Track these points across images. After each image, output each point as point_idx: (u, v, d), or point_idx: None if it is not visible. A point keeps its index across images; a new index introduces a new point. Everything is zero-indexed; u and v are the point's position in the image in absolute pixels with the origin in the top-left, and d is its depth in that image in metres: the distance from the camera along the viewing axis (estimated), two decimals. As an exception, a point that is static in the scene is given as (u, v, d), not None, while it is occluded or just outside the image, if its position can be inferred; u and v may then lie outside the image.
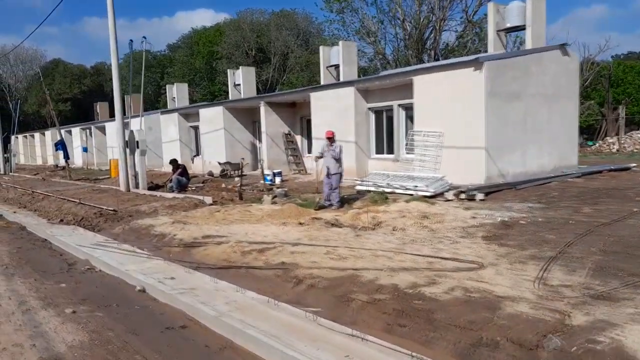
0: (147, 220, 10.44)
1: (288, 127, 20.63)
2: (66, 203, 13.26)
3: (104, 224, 10.73)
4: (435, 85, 13.57)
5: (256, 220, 9.77)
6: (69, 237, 9.31)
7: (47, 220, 11.58)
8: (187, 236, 8.62)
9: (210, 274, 6.47)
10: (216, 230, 8.95)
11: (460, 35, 38.92)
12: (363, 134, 16.28)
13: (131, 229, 9.96)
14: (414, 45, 38.09)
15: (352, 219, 9.15)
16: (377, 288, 5.20)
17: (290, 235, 8.07)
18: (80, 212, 11.72)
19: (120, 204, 12.67)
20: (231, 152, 22.26)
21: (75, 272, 7.02)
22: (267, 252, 7.06)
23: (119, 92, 16.15)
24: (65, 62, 63.17)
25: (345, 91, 16.21)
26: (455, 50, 38.33)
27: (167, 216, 10.80)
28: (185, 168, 15.62)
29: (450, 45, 38.77)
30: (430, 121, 13.75)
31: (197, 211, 11.29)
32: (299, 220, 9.35)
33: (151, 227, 9.63)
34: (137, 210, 11.52)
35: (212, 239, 8.25)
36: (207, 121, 23.28)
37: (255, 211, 11.02)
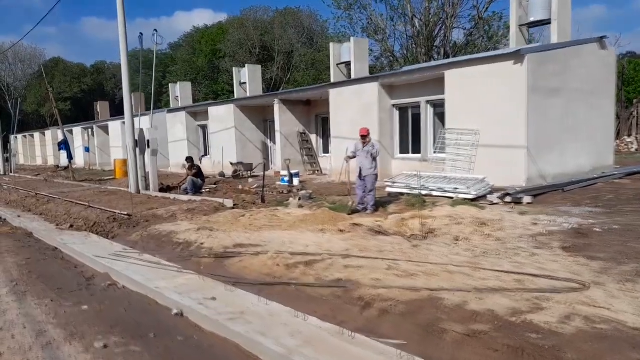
0: (166, 225, 9.53)
1: (302, 126, 19.73)
2: (74, 206, 12.34)
3: (118, 230, 9.82)
4: (469, 80, 12.68)
5: (288, 227, 8.86)
6: (82, 245, 8.39)
7: (55, 226, 10.65)
8: (217, 245, 7.71)
9: (253, 291, 5.58)
10: (247, 237, 8.05)
11: (470, 33, 38.13)
12: (387, 133, 15.39)
13: (150, 236, 9.05)
14: (424, 42, 37.25)
15: (398, 226, 8.25)
16: (470, 315, 4.31)
17: (334, 245, 7.16)
18: (91, 216, 10.81)
19: (134, 208, 11.75)
20: (242, 152, 21.38)
21: (96, 289, 6.11)
22: (315, 265, 6.16)
23: (128, 89, 15.23)
24: (65, 60, 62.18)
25: (369, 87, 15.32)
26: (464, 49, 37.51)
27: (187, 221, 9.89)
28: (200, 169, 14.71)
29: (458, 43, 37.92)
30: (464, 118, 12.87)
31: (219, 215, 10.39)
32: (337, 226, 8.45)
33: (173, 234, 8.72)
34: (154, 215, 10.61)
35: (246, 249, 7.35)
36: (216, 120, 22.37)
37: (283, 216, 10.13)
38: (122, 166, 24.02)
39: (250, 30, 48.42)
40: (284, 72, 48.60)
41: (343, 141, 16.20)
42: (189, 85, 36.15)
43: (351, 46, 22.81)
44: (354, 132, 15.85)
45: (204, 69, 53.66)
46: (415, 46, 38.69)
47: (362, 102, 15.53)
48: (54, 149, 41.94)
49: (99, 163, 34.64)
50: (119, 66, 65.07)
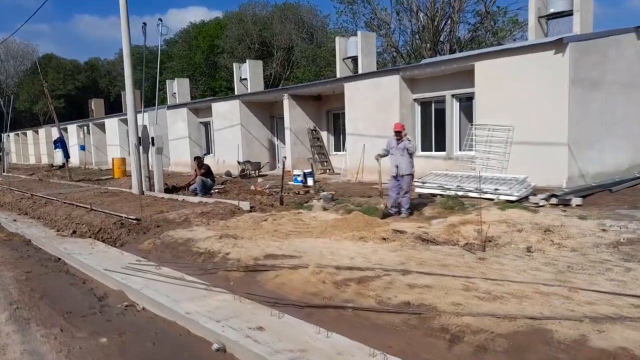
0: (181, 232, 8.56)
1: (313, 123, 18.77)
2: (75, 209, 11.32)
3: (126, 237, 8.84)
4: (502, 72, 11.78)
5: (320, 233, 7.92)
6: (88, 255, 7.42)
7: (56, 232, 9.66)
8: (244, 255, 6.76)
9: (301, 316, 4.67)
10: (277, 246, 7.10)
11: (475, 28, 37.33)
12: (407, 129, 14.40)
13: (164, 244, 8.08)
14: (429, 37, 36.38)
15: (448, 233, 7.33)
16: (599, 356, 3.39)
17: (383, 256, 6.23)
18: (95, 221, 9.81)
19: (140, 211, 10.78)
20: (248, 150, 20.41)
21: (111, 312, 5.15)
22: (371, 283, 5.23)
23: (131, 83, 14.20)
24: (58, 57, 60.78)
25: (388, 80, 14.38)
26: (468, 44, 36.68)
27: (203, 227, 8.93)
28: (209, 168, 13.72)
29: (462, 39, 37.00)
30: (496, 113, 11.97)
31: (237, 220, 9.44)
32: (376, 234, 7.51)
33: (191, 243, 7.75)
34: (165, 219, 9.64)
35: (280, 260, 6.40)
36: (221, 116, 21.37)
37: (308, 220, 9.20)
38: (121, 165, 23.01)
39: (249, 26, 47.35)
40: (283, 69, 47.57)
41: (359, 138, 15.30)
42: (186, 81, 35.16)
43: (358, 40, 21.95)
44: (371, 128, 14.98)
45: (201, 66, 52.53)
46: (420, 41, 37.84)
47: (380, 96, 14.60)
48: (47, 147, 40.74)
49: (95, 162, 33.53)
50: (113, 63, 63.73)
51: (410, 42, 37.28)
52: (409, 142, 9.06)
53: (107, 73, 63.06)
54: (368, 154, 15.01)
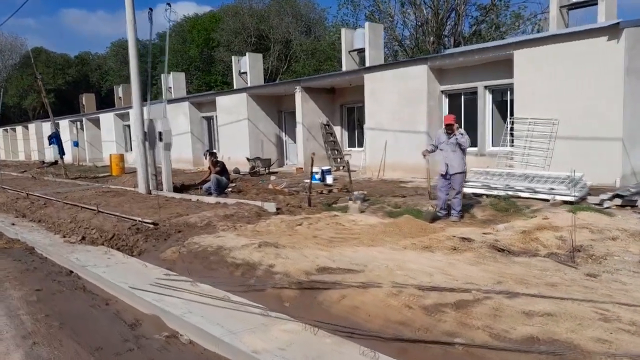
0: (207, 238, 7.55)
1: (326, 117, 17.76)
2: (80, 211, 10.23)
3: (144, 244, 7.80)
4: (546, 61, 10.88)
5: (370, 240, 6.95)
6: (106, 268, 6.39)
7: (62, 238, 8.58)
8: (293, 269, 5.76)
9: (391, 352, 3.71)
10: (327, 257, 6.12)
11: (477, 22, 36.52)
12: (434, 123, 13.51)
13: (191, 253, 7.06)
14: (435, 30, 35.52)
15: (522, 241, 6.39)
16: None
17: (465, 271, 5.27)
18: (105, 225, 8.73)
19: (154, 213, 9.74)
20: (255, 145, 19.38)
21: (151, 346, 4.15)
22: (471, 309, 4.26)
23: (137, 73, 13.10)
24: (47, 51, 59.03)
25: (415, 70, 13.42)
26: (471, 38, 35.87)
27: (231, 232, 7.93)
28: (225, 165, 12.67)
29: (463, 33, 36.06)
30: (537, 106, 11.07)
31: (267, 224, 8.44)
32: (441, 241, 6.55)
33: (224, 252, 6.74)
34: (186, 223, 8.60)
35: (339, 275, 5.43)
36: (225, 110, 20.29)
37: (348, 224, 8.23)
38: (119, 162, 21.87)
39: (245, 19, 46.13)
40: (280, 63, 46.43)
41: (380, 133, 14.35)
42: (182, 75, 34.12)
43: (365, 32, 20.95)
44: (394, 122, 14.02)
45: (196, 60, 51.24)
46: (424, 35, 36.99)
47: (406, 88, 13.64)
48: (38, 143, 39.36)
49: (89, 158, 32.27)
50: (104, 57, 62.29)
51: (415, 35, 36.37)
52: (462, 136, 8.09)
53: (98, 67, 61.43)
54: (391, 150, 14.08)
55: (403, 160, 13.75)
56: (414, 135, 13.52)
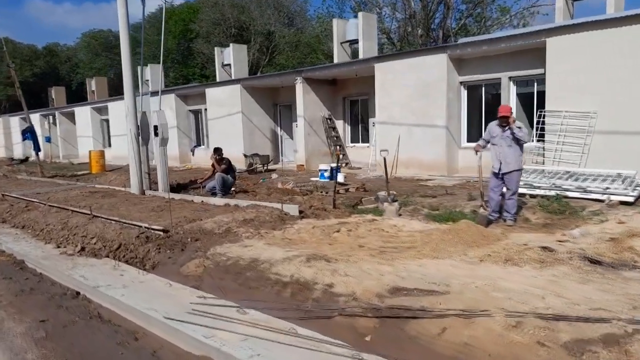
0: (233, 248, 6.47)
1: (327, 110, 16.73)
2: (72, 216, 8.97)
3: (157, 256, 6.66)
4: (583, 49, 10.11)
5: (431, 251, 5.98)
6: (123, 288, 5.26)
7: (56, 248, 7.36)
8: (359, 289, 4.75)
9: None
10: (393, 273, 5.13)
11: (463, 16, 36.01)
12: (453, 116, 12.64)
13: (220, 266, 5.97)
14: (423, 23, 34.87)
15: (613, 250, 5.52)
16: None
17: (579, 291, 4.35)
18: (106, 232, 7.52)
19: (157, 217, 8.60)
20: (249, 141, 18.21)
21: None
22: (627, 347, 3.34)
23: (128, 59, 11.83)
24: (14, 41, 56.06)
25: (433, 60, 12.51)
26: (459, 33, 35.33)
27: (258, 239, 6.87)
28: (230, 163, 11.51)
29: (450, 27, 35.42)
30: (572, 98, 10.29)
31: (296, 229, 7.40)
32: (519, 252, 5.62)
33: (262, 266, 5.68)
34: (201, 230, 7.47)
35: (420, 298, 4.46)
36: (216, 103, 19.04)
37: (392, 230, 7.25)
38: (99, 159, 20.43)
39: (225, 9, 44.55)
40: (262, 55, 45.07)
41: (393, 128, 13.41)
42: (159, 67, 32.60)
43: (359, 22, 20.01)
44: (408, 116, 13.07)
45: (173, 52, 49.40)
46: (412, 27, 36.34)
47: (422, 79, 12.72)
48: (5, 139, 37.11)
49: (62, 155, 30.42)
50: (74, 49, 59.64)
51: (403, 27, 35.59)
52: (520, 129, 7.18)
53: (67, 60, 58.78)
54: (404, 146, 13.16)
55: (418, 156, 12.85)
56: (431, 130, 12.63)
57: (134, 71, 12.22)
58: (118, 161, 23.77)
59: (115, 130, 25.65)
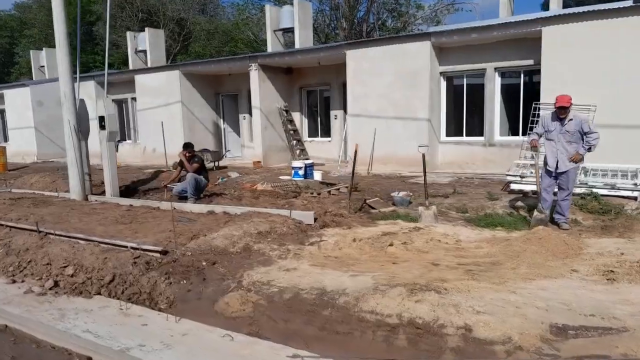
0: (273, 272, 5.04)
1: (283, 101, 15.27)
2: (12, 234, 6.80)
3: (170, 289, 4.99)
4: (581, 40, 9.76)
5: (528, 267, 4.98)
6: (168, 350, 3.64)
7: (11, 284, 5.31)
8: (512, 331, 3.60)
9: None
10: (526, 302, 4.05)
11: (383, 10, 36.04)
12: (433, 108, 11.87)
13: (273, 302, 4.52)
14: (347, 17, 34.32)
15: None
16: None
17: None
18: (82, 258, 5.56)
19: (132, 232, 6.79)
20: (190, 135, 16.20)
21: None
22: None
23: (64, 35, 9.61)
24: None
25: (414, 48, 11.60)
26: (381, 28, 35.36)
27: (295, 259, 5.50)
28: (203, 161, 9.69)
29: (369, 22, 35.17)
30: (570, 90, 9.81)
31: (332, 242, 6.09)
32: (633, 264, 4.80)
33: (339, 300, 4.32)
34: (212, 249, 5.84)
35: (604, 340, 3.41)
36: (150, 92, 16.74)
37: (444, 239, 6.19)
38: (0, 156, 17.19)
39: (131, -9, 40.72)
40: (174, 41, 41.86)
41: (368, 121, 12.37)
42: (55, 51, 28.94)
43: (295, 10, 18.75)
44: (387, 108, 12.03)
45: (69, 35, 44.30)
46: (336, 19, 35.75)
47: (402, 68, 11.79)
48: None
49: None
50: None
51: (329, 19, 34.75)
52: (585, 122, 6.42)
53: None
54: (381, 141, 12.18)
55: (397, 151, 11.92)
56: (412, 123, 11.75)
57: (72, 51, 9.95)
58: (17, 159, 20.37)
59: (13, 123, 22.00)
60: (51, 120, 21.33)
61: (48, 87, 21.48)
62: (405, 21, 36.33)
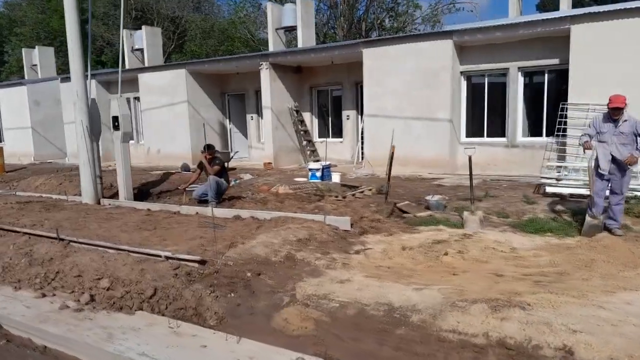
0: (327, 286, 4.70)
1: (294, 101, 14.89)
2: (32, 242, 6.36)
3: (216, 303, 4.61)
4: (612, 38, 9.50)
5: (601, 278, 4.68)
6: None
7: (41, 298, 4.88)
8: (620, 354, 3.27)
9: None
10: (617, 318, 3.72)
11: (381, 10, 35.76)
12: (453, 108, 11.57)
13: (336, 318, 4.18)
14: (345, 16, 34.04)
15: None
16: None
17: None
18: (116, 269, 5.16)
19: (160, 239, 6.39)
20: (197, 135, 15.75)
21: None
22: None
23: (77, 31, 9.12)
24: None
25: (436, 46, 11.29)
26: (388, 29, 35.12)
27: (345, 269, 5.20)
28: (224, 163, 9.28)
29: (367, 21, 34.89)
30: (599, 90, 9.62)
31: (380, 251, 5.75)
32: None
33: (413, 317, 3.98)
34: (254, 258, 5.46)
35: None
36: (154, 91, 16.27)
37: (498, 246, 5.85)
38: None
39: (126, -12, 40.04)
40: (168, 40, 41.26)
41: (385, 121, 12.04)
42: (50, 50, 28.90)
43: (297, 8, 18.39)
44: (406, 108, 11.68)
45: (61, 34, 43.48)
46: (335, 19, 35.48)
47: (421, 67, 11.48)
48: None
49: None
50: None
51: (327, 19, 34.40)
52: (628, 128, 6.14)
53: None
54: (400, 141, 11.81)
55: (417, 152, 11.61)
56: (432, 124, 11.45)
57: (85, 48, 9.50)
58: (12, 160, 19.79)
59: (8, 123, 21.39)
60: (48, 120, 20.80)
61: (45, 86, 20.96)
62: (404, 21, 36.10)
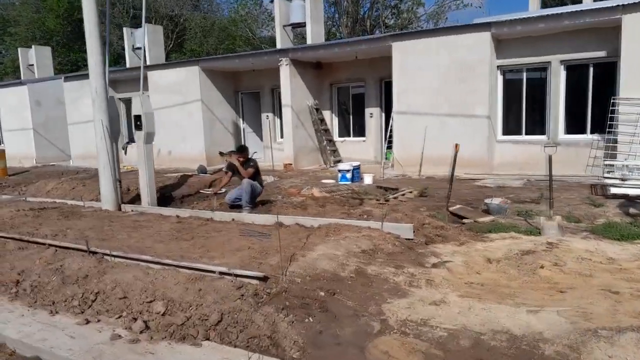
0: (420, 308, 4.10)
1: (313, 99, 14.22)
2: (61, 256, 5.65)
3: (293, 330, 3.95)
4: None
5: None
6: None
7: (84, 325, 4.19)
8: None
9: None
10: None
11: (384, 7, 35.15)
12: (491, 104, 10.95)
13: (448, 350, 3.51)
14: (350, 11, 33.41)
15: None
16: None
17: None
18: (166, 289, 4.48)
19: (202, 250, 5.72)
20: (210, 135, 15.09)
21: None
22: None
23: (96, 26, 8.42)
24: None
25: (472, 39, 10.67)
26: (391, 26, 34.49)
27: (430, 287, 4.59)
28: (258, 166, 8.56)
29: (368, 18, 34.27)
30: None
31: (460, 264, 5.11)
32: None
33: (550, 350, 3.30)
34: (320, 274, 4.79)
35: None
36: (165, 90, 15.55)
37: (591, 256, 5.22)
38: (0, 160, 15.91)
39: (123, -14, 39.26)
40: (167, 38, 40.43)
41: (417, 118, 11.43)
42: (47, 50, 28.15)
43: (307, 3, 17.75)
44: (441, 105, 10.99)
45: (57, 33, 42.55)
46: (339, 15, 34.86)
47: (456, 61, 10.86)
48: None
49: None
50: None
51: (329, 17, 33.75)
52: None
53: None
54: (433, 140, 11.23)
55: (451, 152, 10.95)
56: (469, 121, 10.83)
57: (103, 44, 8.79)
58: (13, 162, 19.00)
59: (8, 124, 20.56)
60: (50, 121, 20.00)
61: (46, 86, 20.16)
62: (408, 18, 35.54)
